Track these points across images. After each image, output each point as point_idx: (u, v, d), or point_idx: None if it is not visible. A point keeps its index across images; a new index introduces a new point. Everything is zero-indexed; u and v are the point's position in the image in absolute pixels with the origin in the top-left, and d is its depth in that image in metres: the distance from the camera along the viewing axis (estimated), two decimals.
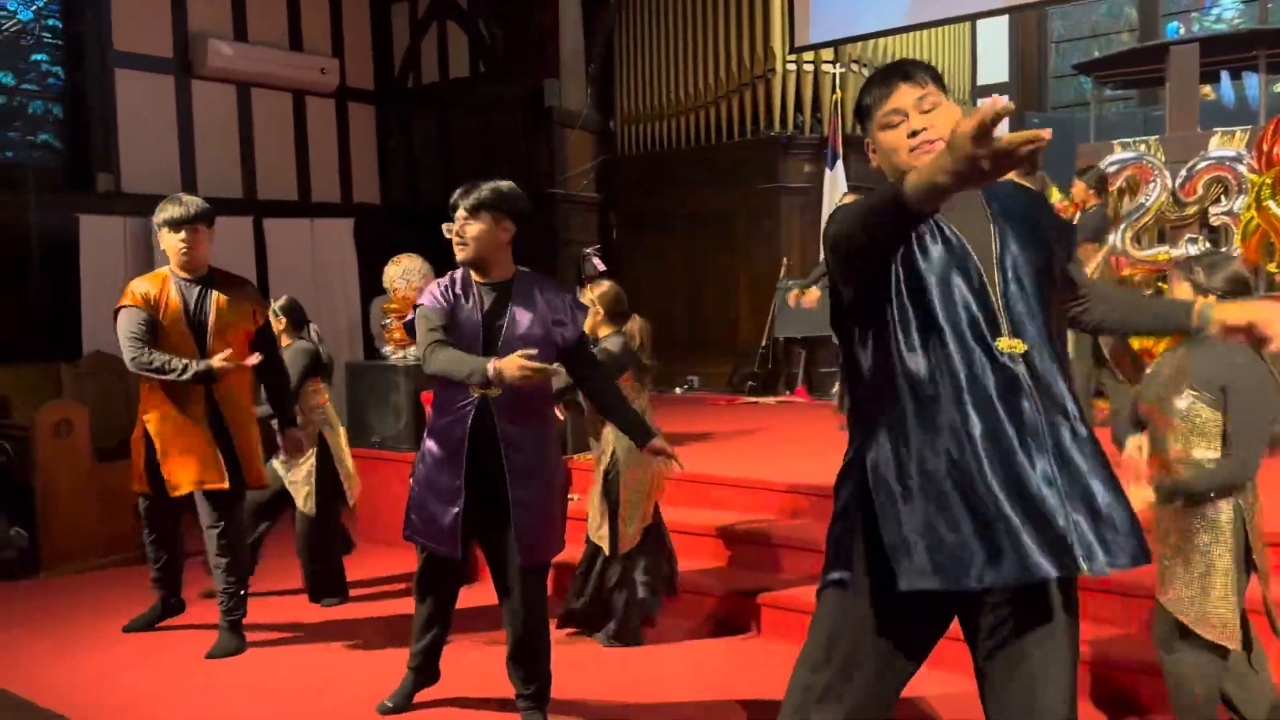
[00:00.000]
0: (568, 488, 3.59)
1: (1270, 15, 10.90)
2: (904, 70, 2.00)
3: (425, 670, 3.50)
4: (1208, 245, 6.69)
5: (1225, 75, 9.03)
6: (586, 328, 3.61)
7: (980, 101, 12.30)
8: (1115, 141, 7.22)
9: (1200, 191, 6.64)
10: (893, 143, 1.98)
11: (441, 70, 9.82)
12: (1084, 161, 7.21)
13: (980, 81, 12.46)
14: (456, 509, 3.11)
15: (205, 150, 8.62)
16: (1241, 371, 2.64)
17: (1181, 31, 11.45)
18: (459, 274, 3.18)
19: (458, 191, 3.13)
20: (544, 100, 9.17)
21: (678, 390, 9.14)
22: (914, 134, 1.95)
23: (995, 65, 12.44)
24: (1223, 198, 6.60)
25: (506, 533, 3.10)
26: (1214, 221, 6.60)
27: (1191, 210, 6.62)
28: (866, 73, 9.75)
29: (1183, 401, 2.69)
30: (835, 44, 9.08)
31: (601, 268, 9.07)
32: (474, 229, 3.09)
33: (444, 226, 3.17)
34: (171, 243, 3.94)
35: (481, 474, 3.10)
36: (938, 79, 2.01)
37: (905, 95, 1.97)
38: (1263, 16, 10.84)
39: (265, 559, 4.95)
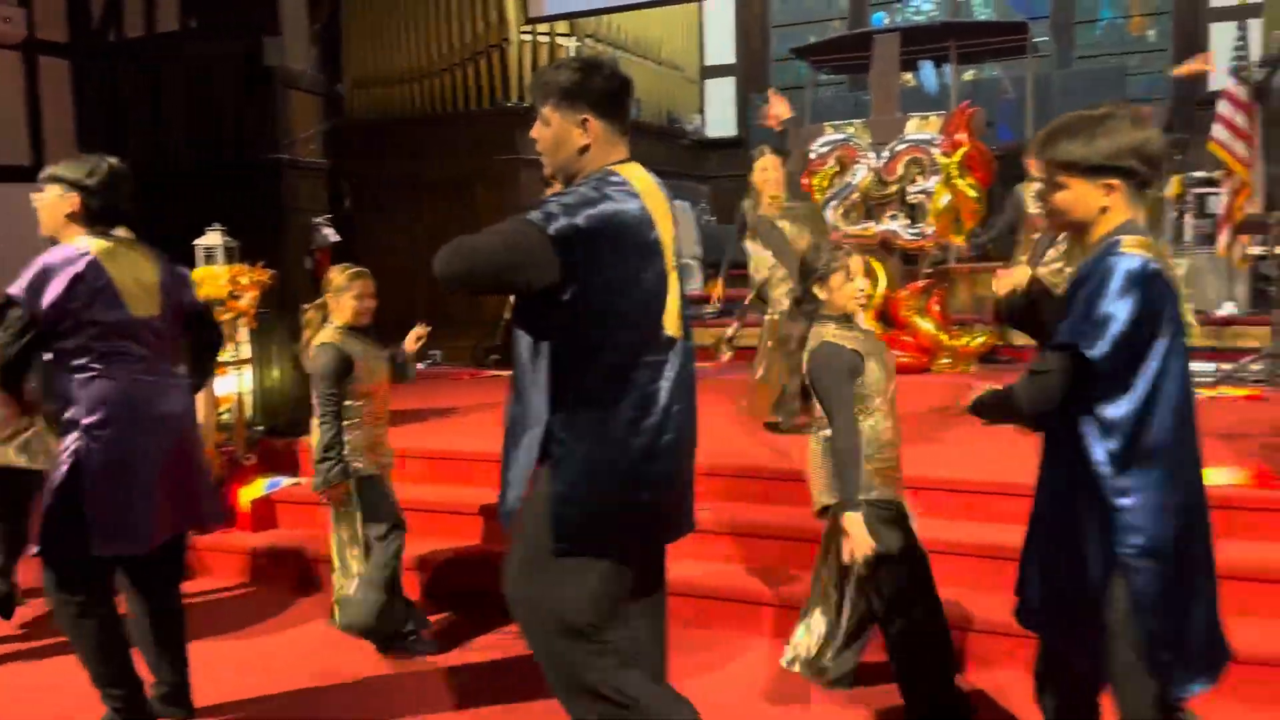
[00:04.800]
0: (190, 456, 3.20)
1: (961, 9, 12.01)
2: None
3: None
4: (907, 221, 7.31)
5: (929, 64, 9.86)
6: None
7: (707, 82, 12.84)
8: (827, 124, 7.72)
9: (900, 171, 7.24)
10: None
11: (147, 23, 9.03)
12: (795, 145, 7.64)
13: (709, 61, 12.96)
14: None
15: None
16: None
17: (886, 21, 12.38)
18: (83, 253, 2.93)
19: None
20: (263, 59, 8.64)
21: (420, 365, 8.95)
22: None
23: (723, 46, 12.96)
24: (919, 178, 7.23)
25: None
26: (911, 200, 7.21)
27: (893, 189, 7.20)
28: (601, 48, 9.88)
29: None
30: (567, 17, 9.14)
31: (334, 238, 8.71)
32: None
33: (34, 195, 2.97)
34: None
35: None
36: (559, 95, 2.32)
37: None
38: (954, 10, 11.93)
39: None
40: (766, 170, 5.19)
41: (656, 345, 2.33)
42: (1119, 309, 1.94)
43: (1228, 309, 7.44)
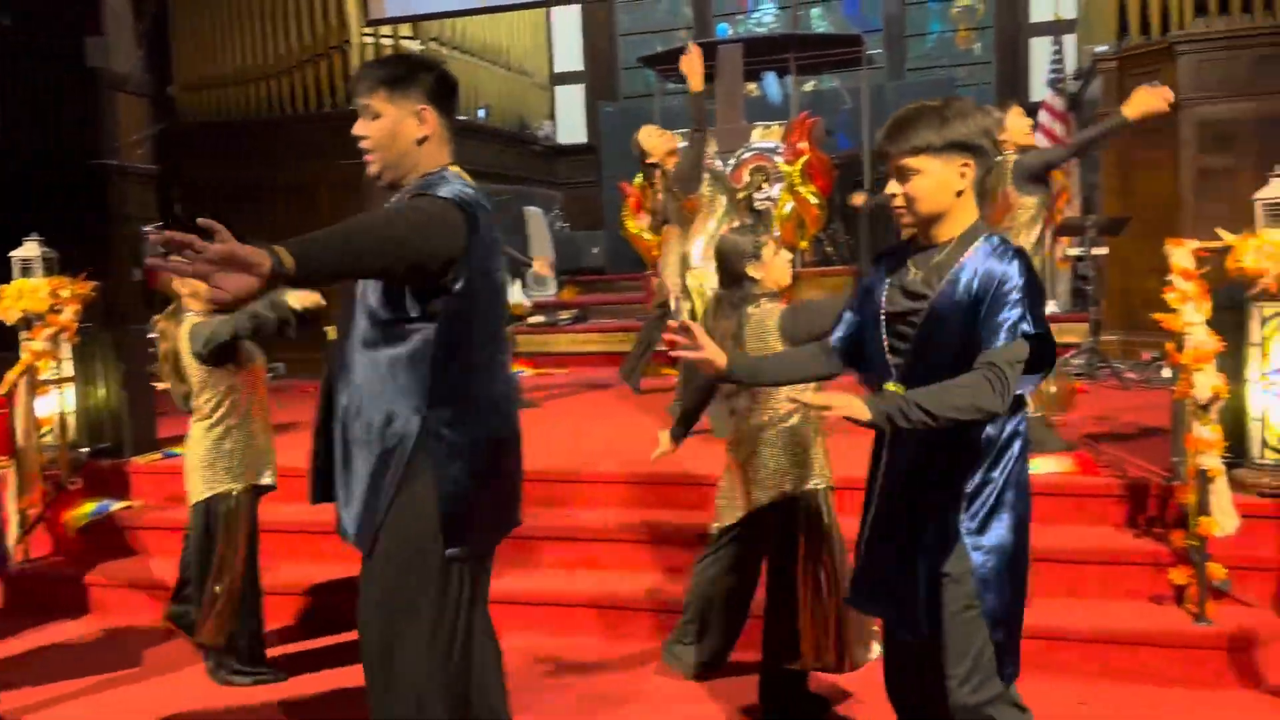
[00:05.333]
0: None
1: (800, 22, 12.39)
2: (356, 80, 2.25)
3: None
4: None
5: (772, 75, 10.11)
6: None
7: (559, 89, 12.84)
8: (676, 132, 7.82)
9: (747, 179, 7.41)
10: None
11: None
12: None
13: (558, 69, 12.96)
14: None
15: None
16: None
17: (730, 32, 12.65)
18: None
19: None
20: (86, 60, 8.15)
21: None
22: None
23: (571, 54, 12.99)
24: (764, 185, 7.41)
25: None
26: (758, 206, 7.38)
27: (740, 196, 7.35)
28: (448, 52, 9.75)
29: None
30: (409, 20, 8.96)
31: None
32: None
33: None
34: None
35: None
36: (390, 84, 2.18)
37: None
38: (794, 23, 12.29)
39: None
40: (651, 137, 5.13)
41: (504, 340, 2.32)
42: (1042, 293, 2.01)
43: (1050, 307, 7.90)
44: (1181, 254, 3.59)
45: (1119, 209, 7.13)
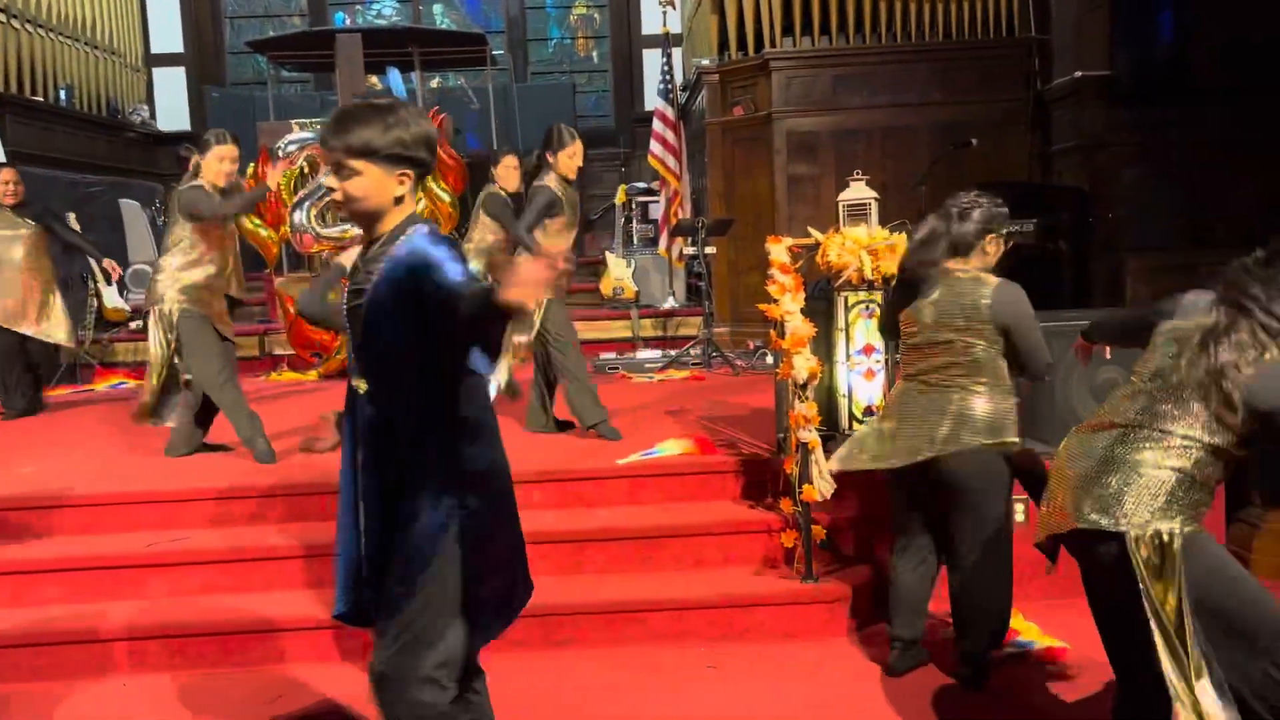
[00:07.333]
0: None
1: (423, 16, 12.26)
2: None
3: None
4: None
5: (395, 69, 9.88)
6: None
7: (156, 72, 11.72)
8: (294, 121, 7.45)
9: None
10: None
11: None
12: (265, 139, 7.31)
13: (155, 50, 11.84)
14: None
15: None
16: None
17: (348, 22, 12.25)
18: None
19: None
20: None
21: None
22: None
23: (170, 35, 11.92)
24: None
25: None
26: None
27: None
28: (18, 25, 8.58)
29: None
30: None
31: None
32: None
33: None
34: None
35: None
36: None
37: None
38: (416, 17, 12.15)
39: None
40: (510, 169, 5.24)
41: None
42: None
43: (670, 303, 8.45)
44: (779, 250, 3.97)
45: (724, 211, 7.76)
